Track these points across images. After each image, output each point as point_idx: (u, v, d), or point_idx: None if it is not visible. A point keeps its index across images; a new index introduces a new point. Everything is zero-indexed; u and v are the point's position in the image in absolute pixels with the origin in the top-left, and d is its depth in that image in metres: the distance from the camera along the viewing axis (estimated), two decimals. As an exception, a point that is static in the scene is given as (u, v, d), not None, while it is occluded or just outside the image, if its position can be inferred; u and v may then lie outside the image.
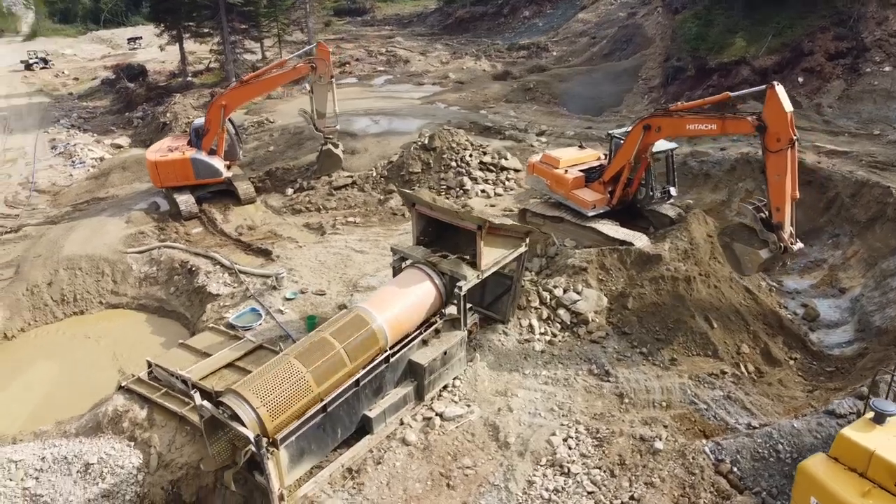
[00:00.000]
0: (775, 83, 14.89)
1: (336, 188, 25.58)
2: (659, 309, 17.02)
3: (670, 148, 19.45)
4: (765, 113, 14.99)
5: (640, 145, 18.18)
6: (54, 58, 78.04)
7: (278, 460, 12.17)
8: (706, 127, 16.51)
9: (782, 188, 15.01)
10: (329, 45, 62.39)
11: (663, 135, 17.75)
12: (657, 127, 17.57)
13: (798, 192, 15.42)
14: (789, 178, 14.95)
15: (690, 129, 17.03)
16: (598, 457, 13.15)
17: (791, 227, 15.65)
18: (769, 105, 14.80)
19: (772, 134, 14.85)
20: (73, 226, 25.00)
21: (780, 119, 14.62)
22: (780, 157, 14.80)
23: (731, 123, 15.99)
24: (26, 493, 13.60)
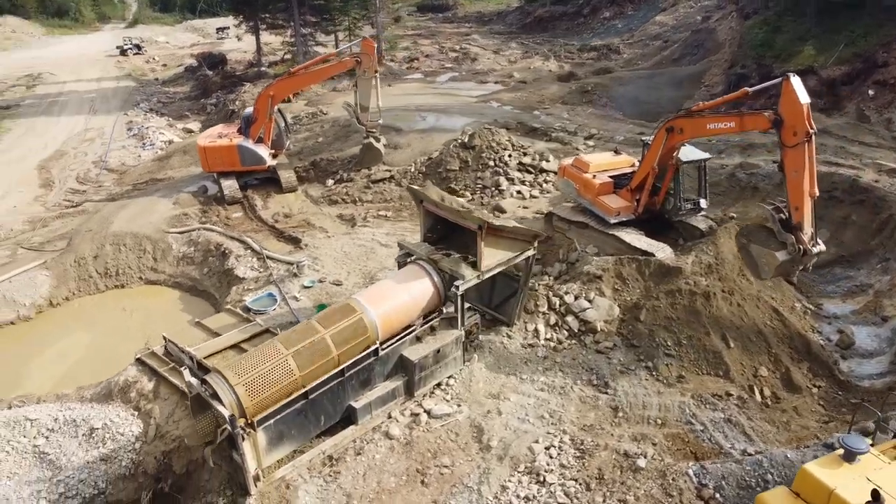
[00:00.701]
0: (791, 74, 14.25)
1: (374, 181, 25.93)
2: (672, 323, 16.44)
3: (702, 158, 18.67)
4: (781, 106, 14.36)
5: (664, 149, 17.59)
6: (148, 44, 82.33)
7: (255, 441, 12.51)
8: (725, 125, 15.97)
9: (800, 185, 14.28)
10: (404, 41, 63.71)
11: (686, 136, 17.12)
12: (679, 128, 16.99)
13: (817, 189, 14.58)
14: (807, 175, 14.20)
15: (711, 129, 16.45)
16: (577, 468, 12.84)
17: (811, 228, 14.79)
18: (785, 97, 14.19)
19: (788, 127, 14.20)
20: (126, 204, 26.41)
21: (796, 111, 13.95)
22: (798, 151, 14.11)
23: (748, 120, 15.36)
24: (35, 450, 14.49)
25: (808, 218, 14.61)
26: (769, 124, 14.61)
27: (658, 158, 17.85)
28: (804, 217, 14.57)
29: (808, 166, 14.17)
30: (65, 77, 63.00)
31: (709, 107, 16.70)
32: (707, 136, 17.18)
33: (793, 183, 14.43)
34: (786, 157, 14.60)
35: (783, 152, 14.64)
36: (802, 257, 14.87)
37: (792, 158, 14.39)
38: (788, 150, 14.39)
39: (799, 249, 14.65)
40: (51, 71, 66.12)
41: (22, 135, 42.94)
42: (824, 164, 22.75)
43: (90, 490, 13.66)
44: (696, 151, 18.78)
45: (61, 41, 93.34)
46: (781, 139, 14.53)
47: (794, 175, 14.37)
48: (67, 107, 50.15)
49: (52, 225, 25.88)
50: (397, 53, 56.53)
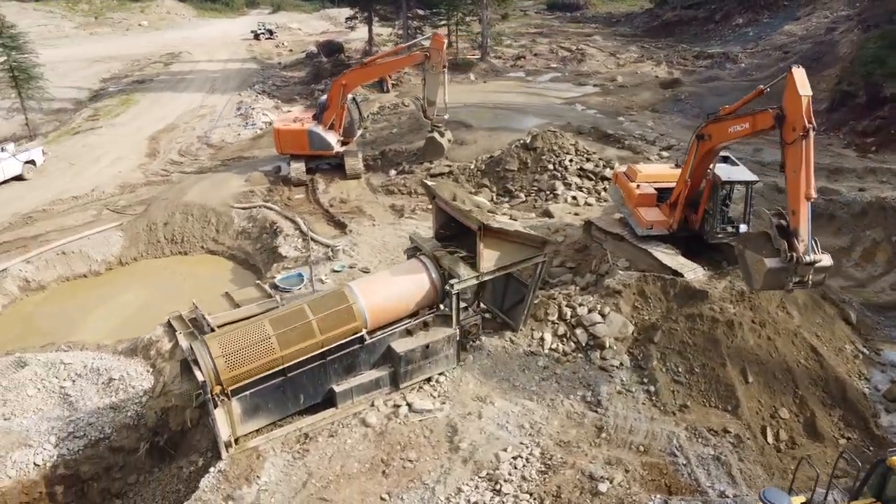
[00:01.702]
0: (795, 66, 13.39)
1: (432, 175, 26.16)
2: (687, 349, 15.50)
3: (747, 180, 17.37)
4: (784, 101, 13.38)
5: (696, 159, 16.60)
6: (281, 30, 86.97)
7: (230, 410, 13.15)
8: (741, 127, 15.00)
9: (798, 187, 13.04)
10: (522, 38, 63.40)
11: (714, 143, 16.07)
12: (707, 135, 16.02)
13: (814, 191, 13.18)
14: (804, 175, 12.92)
15: (732, 132, 15.41)
16: (537, 483, 12.50)
17: (808, 235, 13.37)
18: (787, 90, 13.26)
19: (788, 123, 13.21)
20: (206, 177, 28.27)
21: (795, 104, 12.94)
22: (796, 148, 13.00)
23: (759, 118, 14.34)
24: (61, 391, 16.01)
25: (803, 223, 13.24)
26: (773, 120, 13.56)
27: (691, 170, 16.87)
28: (800, 222, 13.24)
29: (805, 165, 12.92)
30: (199, 57, 67.93)
31: (732, 110, 15.60)
32: (731, 141, 16.00)
33: (792, 184, 13.27)
34: (786, 155, 13.50)
35: (784, 150, 13.58)
36: (796, 267, 13.43)
37: (791, 156, 13.26)
38: (788, 147, 13.30)
39: (791, 257, 13.32)
40: (189, 50, 71.59)
41: (146, 107, 46.87)
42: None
43: (96, 434, 14.88)
44: (744, 172, 17.54)
45: (209, 24, 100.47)
46: (782, 136, 13.54)
47: (793, 175, 13.17)
48: (192, 84, 54.13)
49: (138, 191, 28.19)
50: (505, 50, 56.41)
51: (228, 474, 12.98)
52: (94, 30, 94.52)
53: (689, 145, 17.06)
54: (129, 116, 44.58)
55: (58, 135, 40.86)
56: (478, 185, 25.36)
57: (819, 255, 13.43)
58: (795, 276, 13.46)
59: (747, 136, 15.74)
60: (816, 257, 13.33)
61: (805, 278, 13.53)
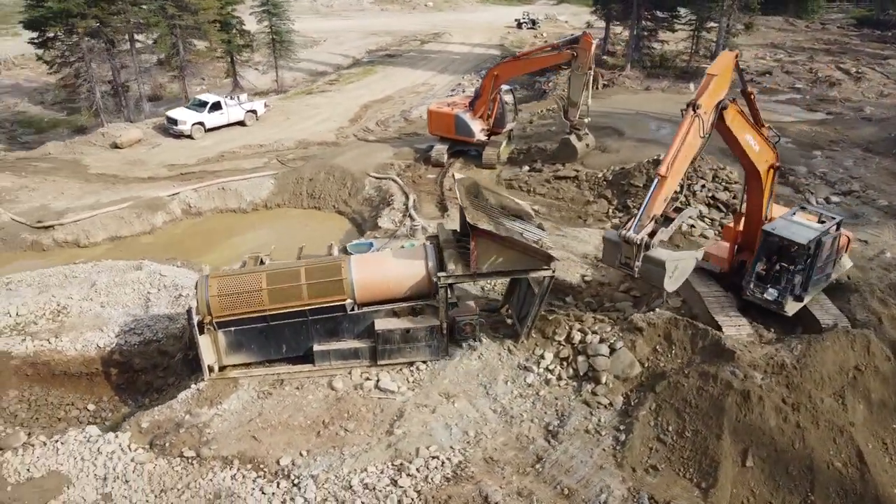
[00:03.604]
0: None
1: (557, 177, 25.46)
2: (687, 409, 13.72)
3: (795, 240, 14.50)
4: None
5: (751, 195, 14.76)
6: (547, 21, 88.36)
7: (216, 339, 14.96)
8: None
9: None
10: (800, 54, 56.94)
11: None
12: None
13: (663, 169, 13.23)
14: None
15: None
16: (433, 486, 12.36)
17: (640, 213, 13.41)
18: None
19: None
20: (364, 145, 30.78)
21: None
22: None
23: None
24: (147, 295, 19.18)
25: (646, 201, 13.18)
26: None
27: (747, 204, 14.90)
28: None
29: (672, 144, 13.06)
30: (454, 39, 72.26)
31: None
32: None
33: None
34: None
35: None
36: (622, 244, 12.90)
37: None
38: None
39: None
40: (450, 32, 76.51)
41: (378, 79, 51.59)
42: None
43: (151, 335, 17.73)
44: (799, 229, 14.66)
45: (488, 9, 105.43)
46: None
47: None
48: (429, 63, 58.04)
49: (310, 148, 31.71)
50: (749, 64, 51.24)
51: (203, 394, 14.82)
52: (385, 6, 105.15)
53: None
54: (359, 85, 49.55)
55: (295, 93, 47.04)
56: (598, 196, 24.23)
57: (641, 236, 12.78)
58: (621, 255, 13.06)
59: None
60: (631, 235, 12.78)
61: (630, 262, 12.99)
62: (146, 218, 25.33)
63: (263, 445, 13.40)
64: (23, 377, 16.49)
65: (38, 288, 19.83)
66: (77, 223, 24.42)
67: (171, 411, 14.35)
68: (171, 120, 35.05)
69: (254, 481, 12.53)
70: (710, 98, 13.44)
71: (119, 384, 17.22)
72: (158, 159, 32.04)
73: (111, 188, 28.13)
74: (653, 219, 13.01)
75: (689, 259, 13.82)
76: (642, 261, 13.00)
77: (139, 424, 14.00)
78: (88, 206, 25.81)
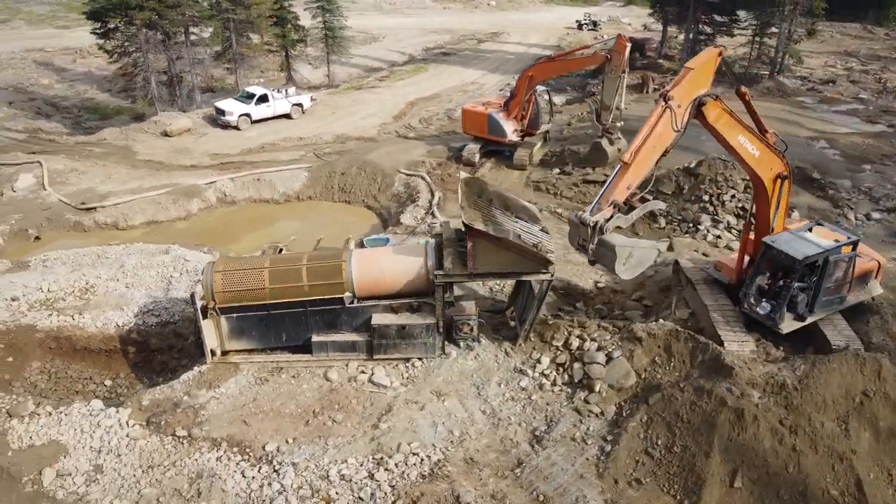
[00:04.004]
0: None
1: (586, 181, 25.07)
2: (678, 423, 13.36)
3: (793, 255, 13.86)
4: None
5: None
6: (610, 23, 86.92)
7: (218, 324, 15.42)
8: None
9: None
10: (874, 63, 54.27)
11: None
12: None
13: (626, 157, 13.12)
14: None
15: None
16: (408, 483, 12.45)
17: (598, 196, 13.40)
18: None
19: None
20: (400, 142, 31.04)
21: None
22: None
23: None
24: (169, 278, 19.87)
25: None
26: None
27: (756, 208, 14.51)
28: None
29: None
30: (512, 39, 71.98)
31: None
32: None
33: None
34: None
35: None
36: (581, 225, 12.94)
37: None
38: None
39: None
40: (509, 32, 76.26)
41: (428, 77, 51.85)
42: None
43: (168, 317, 18.39)
44: (802, 244, 14.02)
45: (551, 10, 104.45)
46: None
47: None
48: (482, 62, 57.96)
49: (347, 143, 32.19)
50: (814, 71, 49.21)
51: (203, 376, 15.33)
52: (448, 4, 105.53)
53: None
54: (409, 82, 49.92)
55: (345, 88, 47.79)
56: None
57: (596, 219, 12.65)
58: (580, 236, 13.03)
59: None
60: (586, 217, 12.77)
61: (586, 244, 12.97)
62: (182, 204, 26.25)
63: (252, 430, 13.75)
64: (46, 350, 17.35)
65: (71, 266, 20.85)
66: (117, 206, 25.52)
67: (171, 391, 14.89)
68: (220, 111, 36.19)
69: (237, 464, 12.88)
70: (683, 90, 13.21)
71: (136, 362, 17.92)
72: (203, 148, 33.16)
73: (155, 174, 29.27)
74: (612, 204, 12.80)
75: (649, 249, 13.51)
76: (596, 244, 12.93)
77: (140, 402, 14.59)
78: (130, 190, 26.94)
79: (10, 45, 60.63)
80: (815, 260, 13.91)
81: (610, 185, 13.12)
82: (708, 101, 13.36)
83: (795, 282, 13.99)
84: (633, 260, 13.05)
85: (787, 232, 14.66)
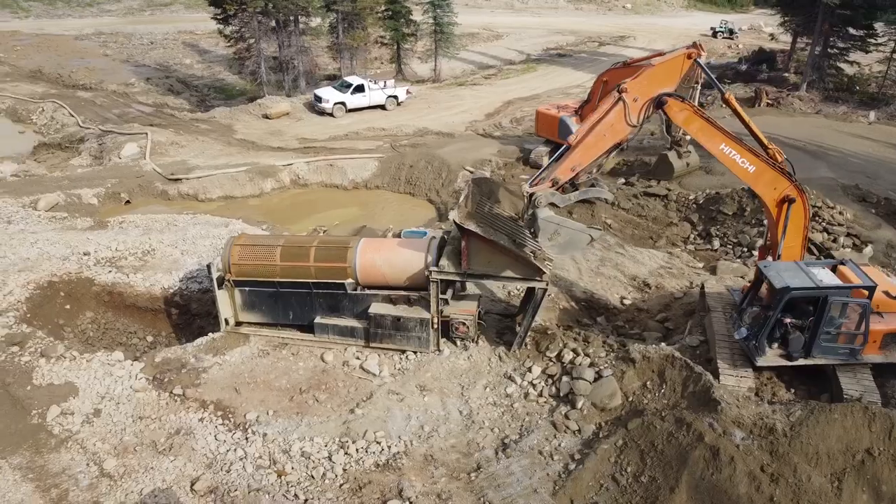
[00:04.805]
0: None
1: (645, 193, 23.99)
2: (651, 452, 12.77)
3: (782, 285, 12.61)
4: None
5: None
6: (749, 32, 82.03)
7: (232, 295, 16.44)
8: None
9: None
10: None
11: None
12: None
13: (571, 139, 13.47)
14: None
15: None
16: (360, 470, 12.77)
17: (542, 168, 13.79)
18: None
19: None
20: (474, 139, 31.16)
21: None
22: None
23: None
24: (219, 249, 21.31)
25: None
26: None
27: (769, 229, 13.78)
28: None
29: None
30: (637, 43, 69.70)
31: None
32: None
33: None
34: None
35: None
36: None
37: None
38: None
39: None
40: (635, 36, 73.96)
41: (535, 77, 51.52)
42: None
43: (208, 285, 19.75)
44: (794, 275, 12.82)
45: (690, 15, 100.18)
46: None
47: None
48: (594, 65, 56.48)
49: (425, 137, 32.73)
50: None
51: (214, 343, 16.41)
52: (581, 5, 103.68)
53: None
54: (514, 81, 49.82)
55: (448, 83, 48.50)
56: (683, 219, 22.60)
57: (531, 190, 13.05)
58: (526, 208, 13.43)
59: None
60: (527, 188, 13.13)
61: (528, 214, 13.40)
62: (257, 182, 27.91)
63: (240, 398, 14.59)
64: (100, 302, 19.18)
65: (143, 230, 22.88)
66: (199, 179, 27.56)
67: (182, 352, 16.05)
68: (317, 98, 37.97)
69: (215, 427, 13.72)
70: (639, 85, 13.07)
71: (177, 324, 19.40)
72: (295, 132, 34.99)
73: (244, 153, 31.28)
74: (553, 181, 12.98)
75: (581, 233, 13.23)
76: (529, 216, 13.27)
77: (153, 359, 15.84)
78: (216, 166, 28.98)
79: (167, 27, 66.80)
80: (811, 296, 12.73)
81: (554, 163, 13.31)
82: (668, 100, 12.87)
83: (776, 313, 12.90)
84: (562, 239, 13.29)
85: (791, 261, 13.52)
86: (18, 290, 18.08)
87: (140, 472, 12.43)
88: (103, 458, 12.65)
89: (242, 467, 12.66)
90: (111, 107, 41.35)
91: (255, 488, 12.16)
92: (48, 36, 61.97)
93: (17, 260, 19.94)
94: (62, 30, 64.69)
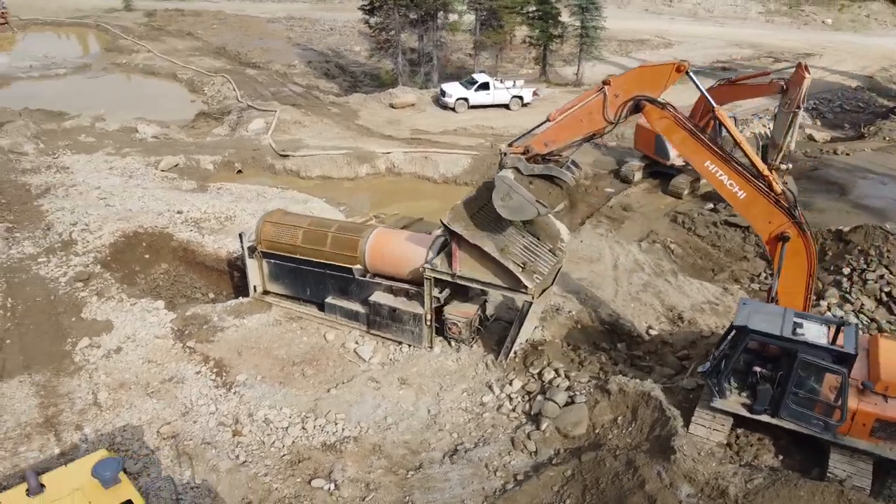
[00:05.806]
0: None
1: (727, 223, 21.97)
2: (594, 489, 12.11)
3: (757, 328, 11.16)
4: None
5: None
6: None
7: (261, 265, 17.77)
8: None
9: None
10: None
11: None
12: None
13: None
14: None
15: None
16: (308, 446, 13.39)
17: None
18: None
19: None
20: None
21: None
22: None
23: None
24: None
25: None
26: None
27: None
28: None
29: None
30: (819, 63, 63.17)
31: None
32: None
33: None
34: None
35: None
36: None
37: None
38: None
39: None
40: (821, 54, 67.09)
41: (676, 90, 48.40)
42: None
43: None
44: (762, 318, 11.42)
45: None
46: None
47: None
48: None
49: (530, 139, 32.35)
50: None
51: (240, 307, 17.84)
52: (774, 17, 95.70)
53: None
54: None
55: (586, 88, 47.27)
56: (759, 254, 20.57)
57: (504, 151, 13.68)
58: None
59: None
60: (503, 147, 13.81)
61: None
62: (353, 166, 29.36)
63: (239, 360, 15.80)
64: (176, 257, 21.49)
65: (234, 197, 25.16)
66: (303, 158, 29.56)
67: (211, 310, 17.62)
68: (442, 92, 38.88)
69: (205, 382, 14.99)
70: (623, 82, 12.67)
71: (238, 286, 21.23)
72: (412, 123, 36.16)
73: (356, 138, 32.95)
74: (525, 149, 13.48)
75: (528, 202, 13.03)
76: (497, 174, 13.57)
77: (185, 312, 17.56)
78: (324, 147, 30.89)
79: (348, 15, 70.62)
80: (783, 347, 11.27)
81: (531, 132, 13.85)
82: (647, 105, 12.03)
83: (736, 353, 11.60)
84: (512, 203, 13.19)
85: (770, 304, 12.06)
86: (107, 236, 20.77)
87: (124, 408, 13.98)
88: (100, 389, 14.37)
89: (207, 422, 13.78)
90: (269, 85, 45.14)
91: (207, 441, 13.21)
92: (245, 17, 68.57)
93: (122, 210, 22.85)
94: (259, 12, 71.17)
